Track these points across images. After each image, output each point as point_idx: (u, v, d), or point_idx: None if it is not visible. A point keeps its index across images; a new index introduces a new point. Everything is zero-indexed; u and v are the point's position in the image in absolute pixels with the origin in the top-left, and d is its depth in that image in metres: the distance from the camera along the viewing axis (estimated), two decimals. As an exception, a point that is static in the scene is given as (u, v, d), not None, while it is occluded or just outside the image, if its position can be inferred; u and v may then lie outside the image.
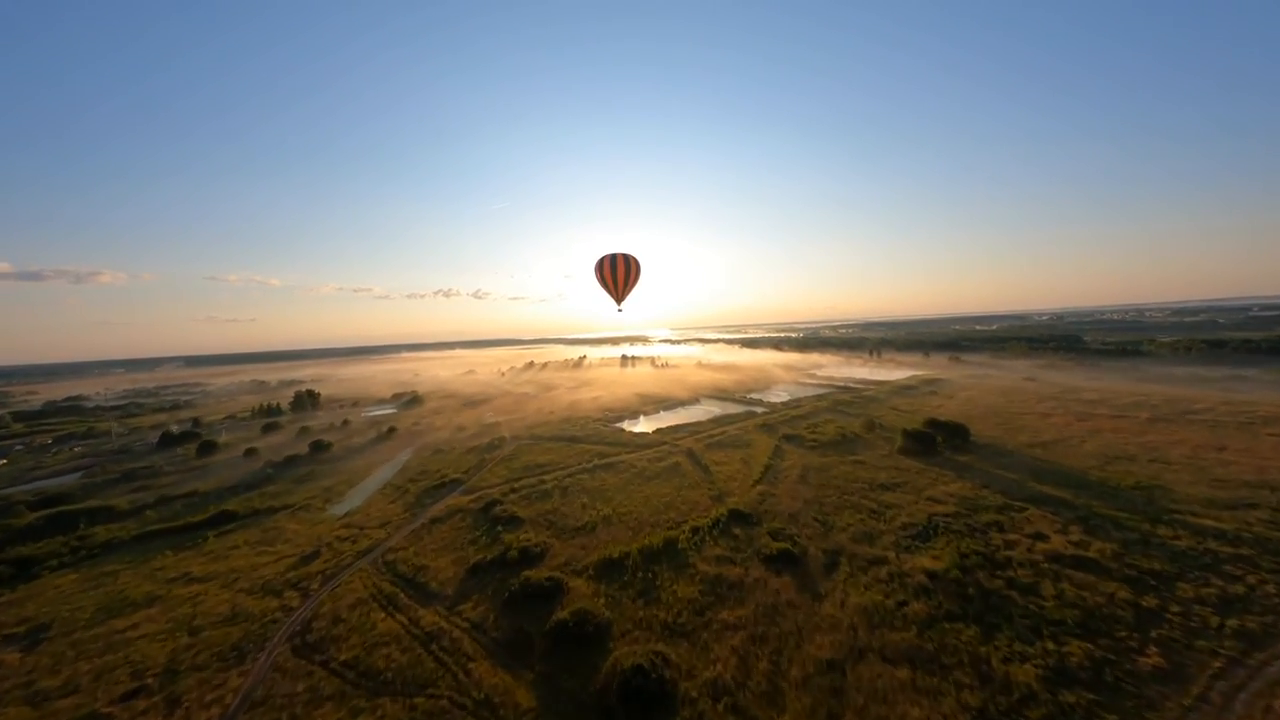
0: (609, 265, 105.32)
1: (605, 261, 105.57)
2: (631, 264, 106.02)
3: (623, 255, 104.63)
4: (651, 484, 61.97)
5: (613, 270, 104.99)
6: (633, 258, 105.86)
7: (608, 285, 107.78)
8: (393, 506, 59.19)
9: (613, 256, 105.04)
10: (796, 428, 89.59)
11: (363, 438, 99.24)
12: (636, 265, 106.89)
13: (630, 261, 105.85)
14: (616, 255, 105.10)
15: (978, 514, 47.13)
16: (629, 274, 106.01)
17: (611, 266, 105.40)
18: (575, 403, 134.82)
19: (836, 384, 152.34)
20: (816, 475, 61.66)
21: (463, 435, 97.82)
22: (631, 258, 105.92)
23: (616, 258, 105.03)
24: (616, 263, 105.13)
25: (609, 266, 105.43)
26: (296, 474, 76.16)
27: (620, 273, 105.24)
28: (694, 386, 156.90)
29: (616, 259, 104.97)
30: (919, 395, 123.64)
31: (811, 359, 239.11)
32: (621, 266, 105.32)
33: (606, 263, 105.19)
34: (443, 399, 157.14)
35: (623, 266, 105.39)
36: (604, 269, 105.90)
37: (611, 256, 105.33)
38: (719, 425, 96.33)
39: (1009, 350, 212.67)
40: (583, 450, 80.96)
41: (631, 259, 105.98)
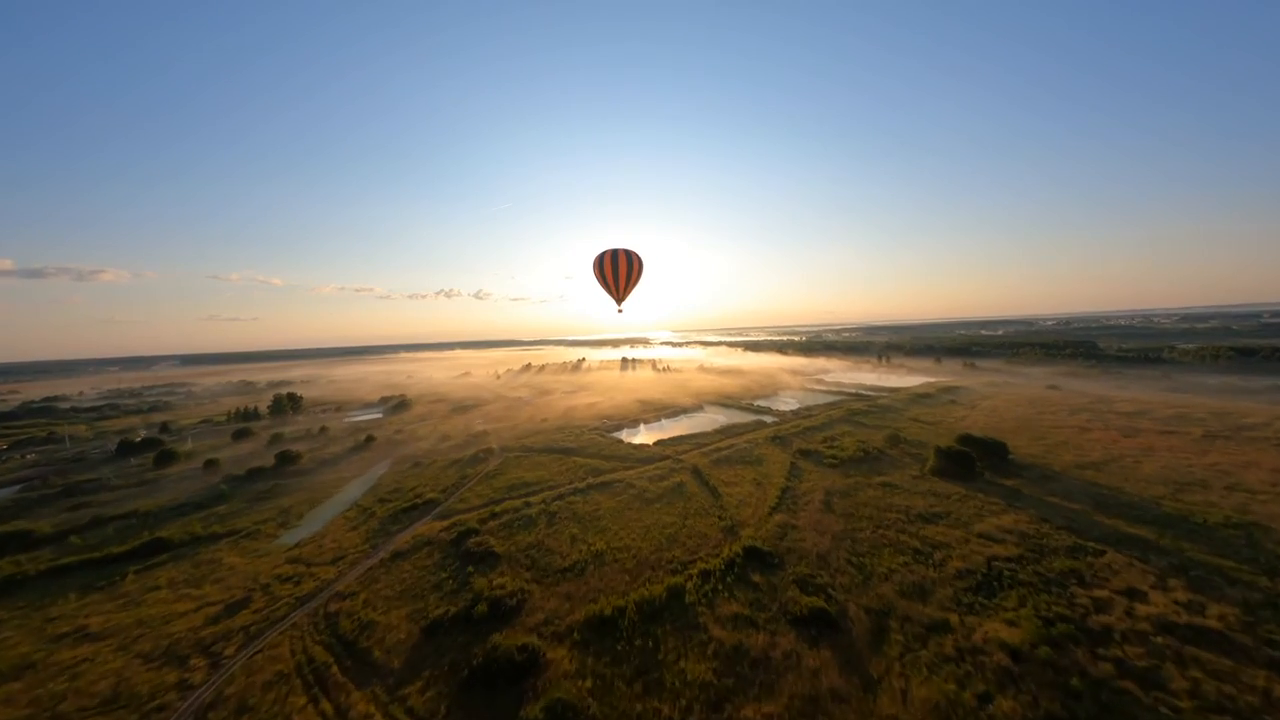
0: (609, 262, 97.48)
1: (605, 257, 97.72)
2: (634, 261, 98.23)
3: (624, 251, 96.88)
4: (652, 509, 53.92)
5: (613, 267, 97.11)
6: (634, 254, 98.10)
7: (607, 283, 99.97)
8: (353, 534, 51.14)
9: (613, 252, 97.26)
10: (812, 441, 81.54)
11: (339, 447, 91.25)
12: (638, 262, 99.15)
13: (632, 258, 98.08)
14: (617, 251, 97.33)
15: (1046, 558, 39.04)
16: (630, 271, 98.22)
17: (612, 263, 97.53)
18: (571, 409, 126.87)
19: (848, 391, 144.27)
20: (842, 501, 53.56)
21: (446, 446, 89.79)
22: (633, 254, 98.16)
23: (617, 254, 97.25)
24: (617, 259, 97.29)
25: (609, 263, 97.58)
26: (255, 490, 68.15)
27: (621, 270, 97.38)
28: (697, 392, 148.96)
29: (617, 255, 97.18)
30: (939, 404, 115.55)
31: (818, 363, 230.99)
32: (623, 263, 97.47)
33: (606, 259, 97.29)
34: (432, 403, 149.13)
35: (624, 263, 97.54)
36: (603, 266, 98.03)
37: (612, 252, 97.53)
38: (726, 437, 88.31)
39: (1024, 356, 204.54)
40: (576, 465, 72.93)
41: (633, 255, 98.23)
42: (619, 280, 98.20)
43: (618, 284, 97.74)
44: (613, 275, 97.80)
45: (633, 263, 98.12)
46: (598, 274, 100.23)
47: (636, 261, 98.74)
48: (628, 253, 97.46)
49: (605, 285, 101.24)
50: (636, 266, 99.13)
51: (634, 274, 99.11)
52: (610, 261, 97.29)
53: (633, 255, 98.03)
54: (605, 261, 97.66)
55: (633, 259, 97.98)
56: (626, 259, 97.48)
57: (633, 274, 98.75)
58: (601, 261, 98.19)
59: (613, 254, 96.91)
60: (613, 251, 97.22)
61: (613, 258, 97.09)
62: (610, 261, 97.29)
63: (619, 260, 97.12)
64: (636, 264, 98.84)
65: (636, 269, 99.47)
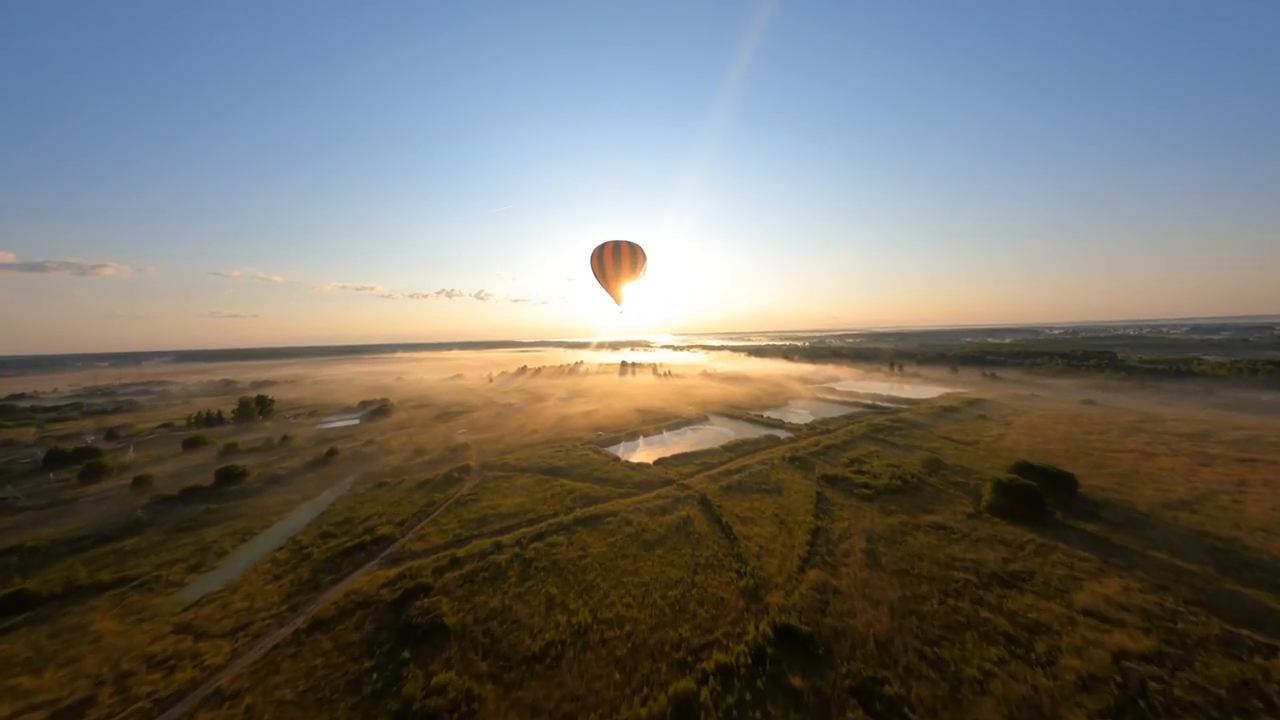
0: (609, 255, 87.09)
1: (604, 250, 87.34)
2: (637, 254, 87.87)
3: (626, 243, 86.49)
4: (652, 556, 43.24)
5: (615, 260, 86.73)
6: (637, 247, 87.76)
7: (607, 279, 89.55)
8: (273, 587, 40.42)
9: (614, 244, 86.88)
10: (836, 463, 70.98)
11: (297, 460, 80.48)
12: (642, 256, 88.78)
13: (635, 251, 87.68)
14: (619, 243, 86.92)
15: (1197, 658, 28.33)
16: (633, 265, 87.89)
17: (614, 256, 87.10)
18: (564, 418, 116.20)
19: (864, 402, 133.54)
20: (891, 551, 42.86)
21: (419, 462, 79.02)
22: (636, 246, 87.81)
23: (619, 246, 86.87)
24: (620, 252, 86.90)
25: (609, 256, 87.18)
26: (180, 517, 57.42)
27: (624, 263, 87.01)
28: (701, 400, 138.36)
29: (619, 247, 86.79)
30: (968, 420, 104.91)
31: (827, 371, 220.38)
32: (625, 257, 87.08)
33: (607, 251, 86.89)
34: (415, 408, 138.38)
35: (626, 257, 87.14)
36: (603, 259, 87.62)
37: (613, 244, 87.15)
38: (736, 455, 77.66)
39: (1044, 367, 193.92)
40: (563, 490, 62.24)
41: (636, 248, 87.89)
42: (620, 275, 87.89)
43: (619, 278, 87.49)
44: (613, 269, 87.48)
45: (636, 256, 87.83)
46: (596, 269, 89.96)
47: (640, 255, 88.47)
48: (631, 245, 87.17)
49: (603, 282, 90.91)
50: (640, 260, 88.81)
51: (637, 269, 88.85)
52: (611, 255, 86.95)
53: (636, 248, 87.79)
54: (605, 255, 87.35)
55: (636, 252, 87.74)
56: (630, 252, 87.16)
57: (635, 268, 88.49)
58: (601, 255, 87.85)
59: (614, 246, 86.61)
60: (613, 244, 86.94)
61: (614, 250, 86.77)
62: (611, 255, 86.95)
63: (621, 253, 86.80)
64: (640, 257, 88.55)
65: (640, 263, 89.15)
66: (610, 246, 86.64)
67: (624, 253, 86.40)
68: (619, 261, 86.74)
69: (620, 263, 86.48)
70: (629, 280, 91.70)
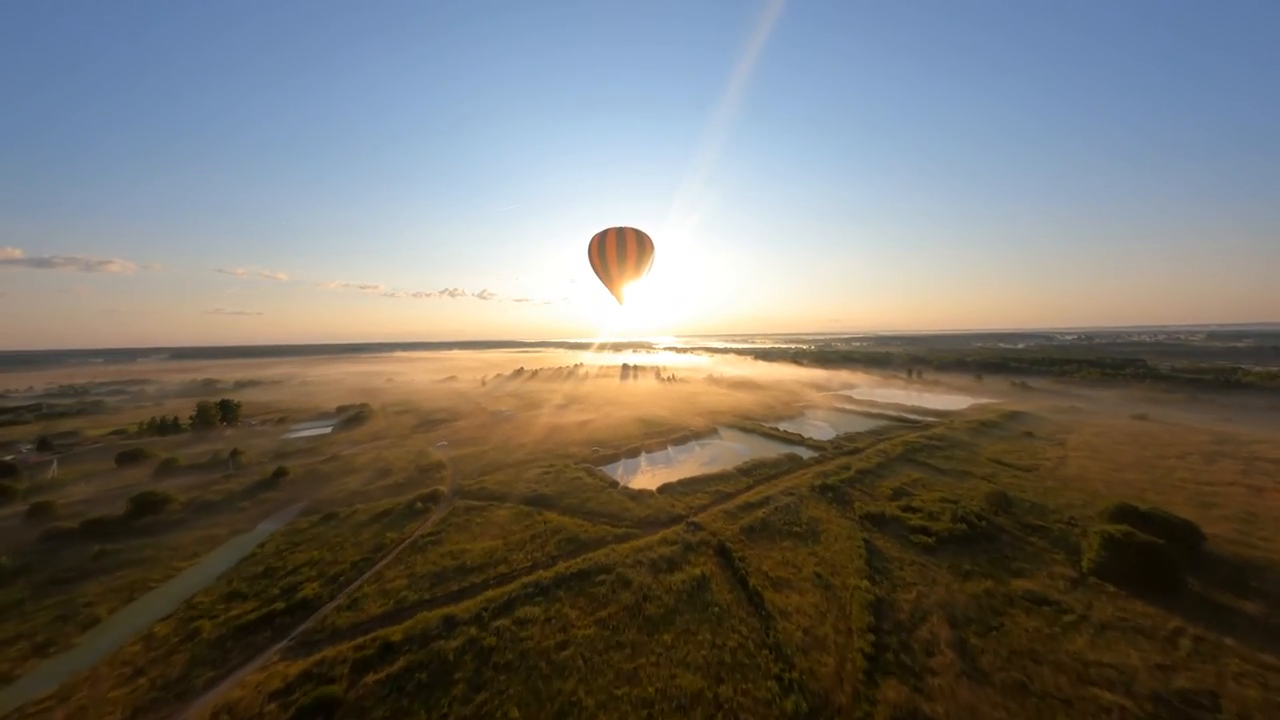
0: (612, 245, 75.33)
1: (608, 238, 75.58)
2: (645, 245, 76.18)
3: (631, 231, 74.78)
4: (658, 644, 31.42)
5: (618, 251, 75.01)
6: (644, 236, 76.05)
7: (608, 274, 77.81)
8: (119, 694, 28.70)
9: (617, 231, 75.09)
10: (876, 494, 59.07)
11: (240, 482, 68.76)
12: (649, 246, 77.06)
13: (642, 241, 76.01)
14: (623, 230, 75.12)
15: None
16: (639, 258, 76.24)
17: (618, 246, 75.27)
18: (558, 429, 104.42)
19: (888, 414, 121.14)
20: (989, 645, 30.85)
21: (383, 485, 67.28)
22: (642, 236, 76.13)
23: (623, 233, 75.11)
24: (625, 240, 75.14)
25: (612, 246, 75.43)
26: (61, 564, 45.80)
27: (630, 255, 75.34)
28: (710, 410, 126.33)
29: (624, 235, 75.03)
30: (1013, 437, 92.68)
31: (840, 376, 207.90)
32: (632, 247, 75.35)
33: (610, 240, 75.11)
34: (396, 415, 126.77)
35: (633, 248, 75.42)
36: (604, 250, 75.90)
37: (617, 231, 75.34)
38: (754, 480, 65.82)
39: (1077, 376, 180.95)
40: (546, 530, 50.45)
41: (643, 238, 76.22)
42: (623, 270, 76.10)
43: (623, 269, 75.69)
44: (616, 263, 75.67)
45: (643, 247, 75.98)
46: (595, 263, 78.09)
47: (647, 246, 76.60)
48: (637, 234, 75.36)
49: (604, 277, 78.94)
50: (647, 252, 76.92)
51: (642, 262, 77.07)
52: (615, 245, 75.09)
53: (642, 238, 75.99)
54: (607, 245, 75.42)
55: (643, 243, 75.93)
56: (637, 242, 75.37)
57: (641, 262, 76.71)
58: (601, 245, 75.90)
59: (616, 234, 74.80)
60: (616, 231, 75.09)
61: (617, 239, 74.94)
62: (615, 245, 75.09)
63: (626, 243, 74.97)
64: (647, 249, 76.67)
65: (647, 255, 77.27)
66: (613, 235, 74.86)
67: (629, 242, 74.69)
68: (623, 253, 74.99)
69: (625, 254, 74.72)
70: (633, 277, 79.82)
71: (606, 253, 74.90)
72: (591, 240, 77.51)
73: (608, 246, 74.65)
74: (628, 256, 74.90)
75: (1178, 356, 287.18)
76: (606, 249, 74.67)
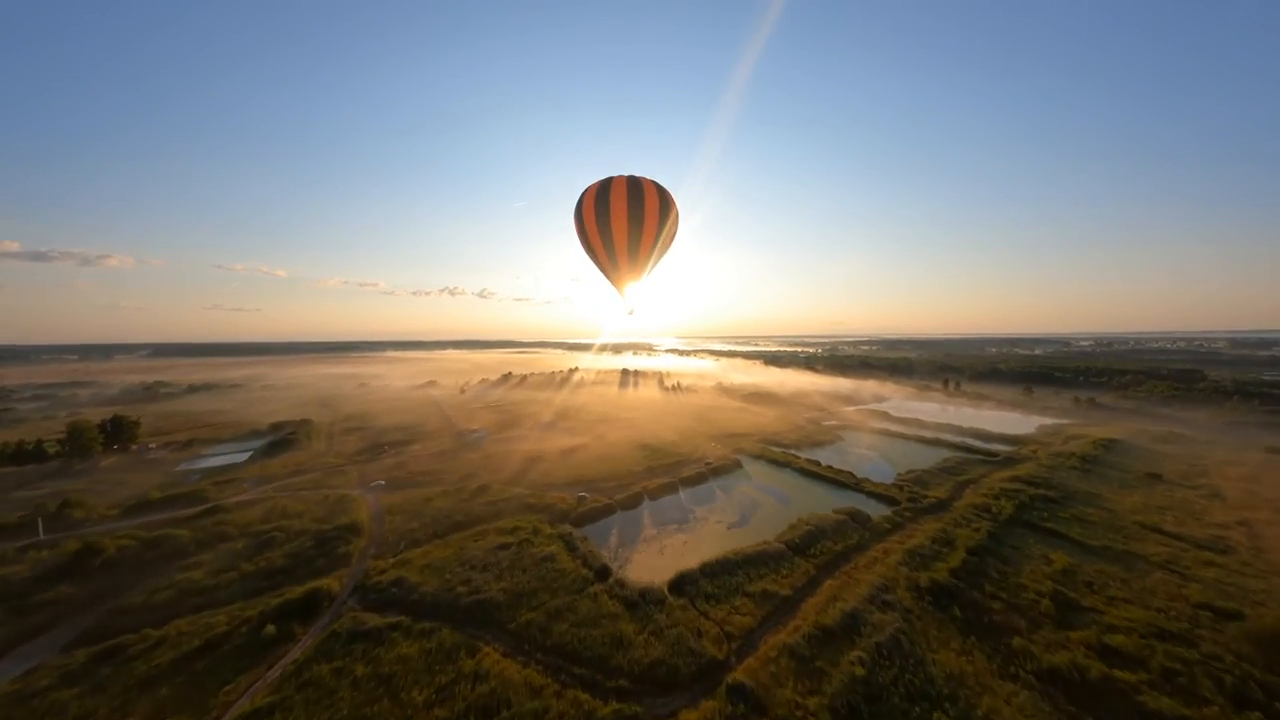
0: (622, 198, 49.26)
1: (616, 192, 49.49)
2: (667, 202, 51.20)
3: (648, 181, 50.02)
4: None
5: (632, 210, 49.15)
6: (666, 194, 51.20)
7: (611, 243, 51.53)
8: None
9: (631, 181, 50.11)
10: (1026, 605, 36.03)
11: (17, 570, 45.17)
12: (673, 207, 51.97)
13: (666, 199, 51.15)
14: (639, 180, 50.22)
15: None
16: (660, 225, 51.19)
17: (631, 201, 49.24)
18: (537, 460, 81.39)
19: (946, 438, 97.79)
20: None
21: (246, 573, 43.77)
22: (665, 194, 51.28)
23: (640, 185, 50.12)
24: (640, 194, 49.40)
25: (621, 201, 49.29)
26: None
27: (648, 218, 50.07)
28: (726, 430, 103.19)
29: (640, 188, 49.98)
30: (1135, 481, 69.81)
31: (868, 387, 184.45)
32: (651, 201, 49.61)
33: (618, 193, 49.13)
34: (341, 435, 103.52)
35: (652, 202, 50.28)
36: (607, 208, 49.78)
37: (630, 180, 50.29)
38: (815, 563, 43.06)
39: (1144, 389, 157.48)
40: (475, 698, 27.43)
41: (665, 196, 51.30)
42: (636, 237, 50.69)
43: (633, 245, 50.25)
44: (629, 227, 49.76)
45: (667, 205, 50.82)
46: (592, 228, 51.57)
47: (671, 208, 51.53)
48: (659, 188, 50.47)
49: (602, 251, 52.42)
50: (673, 215, 51.79)
51: (664, 228, 51.76)
52: (625, 198, 48.99)
53: (665, 196, 51.11)
54: (612, 199, 49.17)
55: (666, 201, 50.98)
56: (659, 198, 50.28)
57: (664, 229, 51.48)
58: (603, 200, 49.61)
59: (630, 184, 49.54)
60: (629, 179, 49.79)
61: (631, 192, 49.63)
62: (625, 198, 48.99)
63: (641, 197, 49.56)
64: (672, 209, 51.55)
65: (672, 219, 52.14)
66: (620, 186, 48.79)
67: (646, 200, 48.70)
68: (637, 216, 48.75)
69: (640, 218, 48.81)
70: (646, 260, 53.38)
71: (610, 216, 48.96)
72: (584, 196, 51.01)
73: (612, 205, 48.62)
74: (644, 223, 49.12)
75: (1222, 366, 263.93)
76: (610, 209, 48.92)
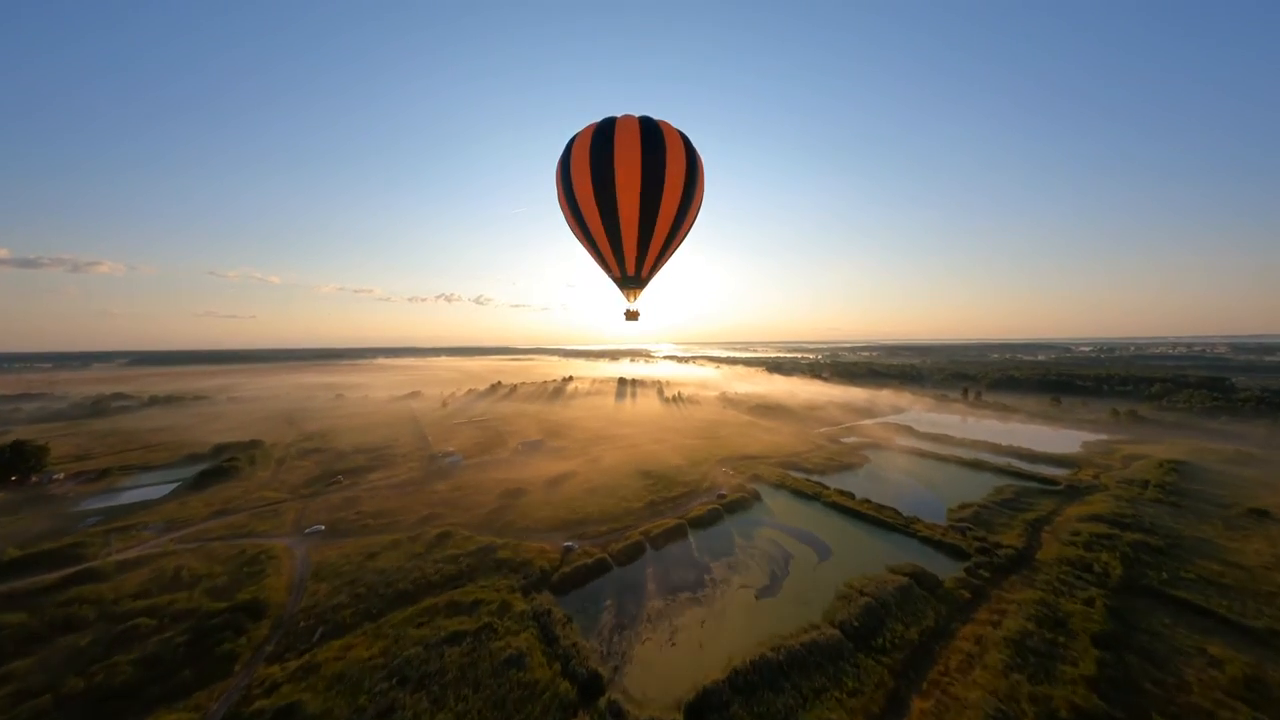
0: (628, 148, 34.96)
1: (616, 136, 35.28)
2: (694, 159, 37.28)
3: (671, 127, 36.25)
4: None
5: (648, 164, 35.01)
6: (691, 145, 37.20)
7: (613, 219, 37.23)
8: None
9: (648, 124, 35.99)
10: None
11: None
12: (699, 166, 37.78)
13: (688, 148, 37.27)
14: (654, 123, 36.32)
15: None
16: (688, 188, 37.09)
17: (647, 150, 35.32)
18: (516, 493, 68.24)
19: (987, 458, 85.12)
20: None
21: (44, 707, 30.57)
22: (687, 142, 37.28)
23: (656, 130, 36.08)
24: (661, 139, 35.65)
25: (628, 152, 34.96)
26: None
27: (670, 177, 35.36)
28: (736, 451, 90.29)
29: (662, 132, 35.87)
30: (1239, 518, 57.57)
31: (883, 398, 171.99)
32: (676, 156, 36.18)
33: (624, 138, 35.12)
34: (295, 459, 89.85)
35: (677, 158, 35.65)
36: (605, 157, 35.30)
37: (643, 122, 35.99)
38: (882, 659, 30.01)
39: (1181, 400, 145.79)
40: None
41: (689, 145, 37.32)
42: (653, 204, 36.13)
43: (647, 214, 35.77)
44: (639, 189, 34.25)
45: (695, 162, 36.89)
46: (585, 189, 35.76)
47: (698, 162, 37.57)
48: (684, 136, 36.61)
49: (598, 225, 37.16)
50: (701, 176, 37.77)
51: (694, 193, 37.78)
52: (638, 145, 34.99)
53: (691, 148, 37.06)
54: (615, 145, 35.05)
55: (694, 156, 36.93)
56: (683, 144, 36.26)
57: (694, 193, 37.63)
58: (602, 145, 35.46)
59: (644, 125, 35.66)
60: (644, 122, 35.76)
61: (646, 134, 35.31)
62: (638, 145, 34.99)
63: (662, 143, 35.15)
64: (700, 168, 37.64)
65: (701, 182, 38.19)
66: (627, 130, 34.99)
67: (669, 148, 35.39)
68: (655, 176, 35.20)
69: (659, 180, 34.23)
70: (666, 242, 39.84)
71: (614, 170, 34.63)
72: (573, 145, 36.49)
73: (618, 155, 34.47)
74: (664, 183, 35.32)
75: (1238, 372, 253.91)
76: (614, 161, 34.52)
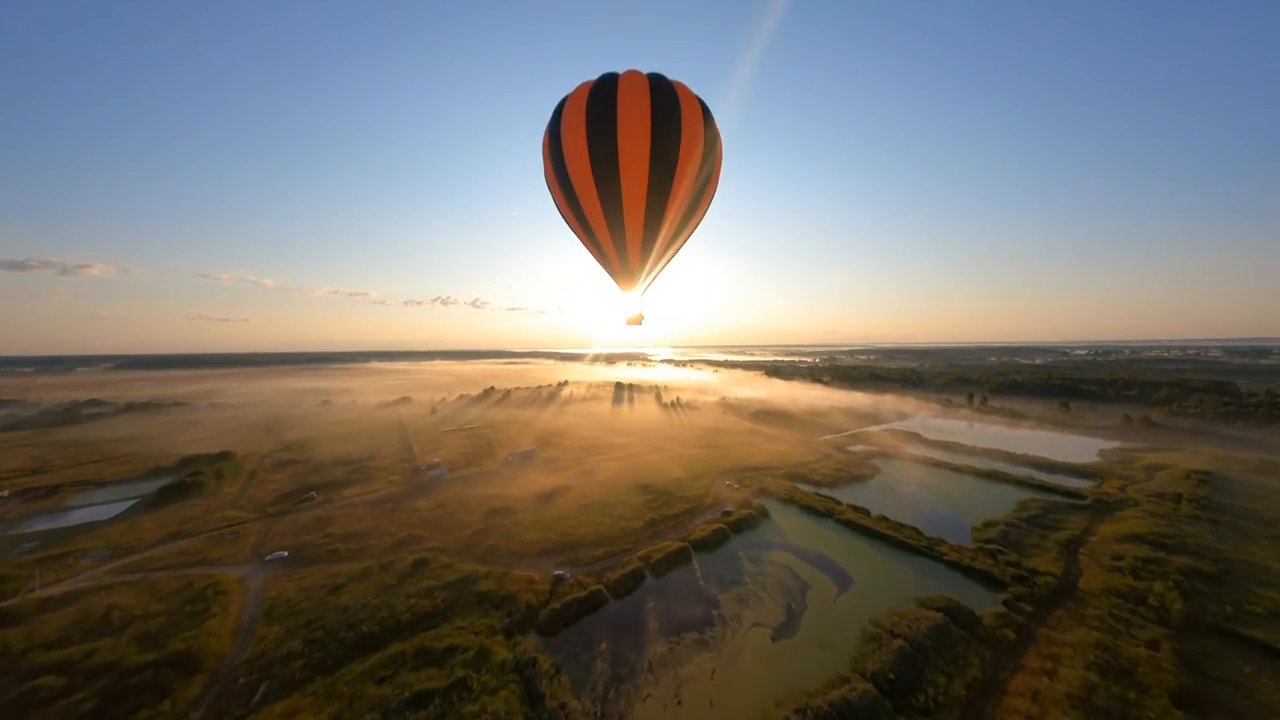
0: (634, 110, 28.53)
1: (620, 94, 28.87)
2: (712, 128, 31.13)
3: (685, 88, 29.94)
4: None
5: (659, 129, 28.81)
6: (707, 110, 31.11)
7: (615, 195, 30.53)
8: None
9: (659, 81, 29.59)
10: None
11: None
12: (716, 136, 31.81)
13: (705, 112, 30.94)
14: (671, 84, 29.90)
15: None
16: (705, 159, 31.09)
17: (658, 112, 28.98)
18: (503, 511, 62.69)
19: (1004, 469, 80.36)
20: None
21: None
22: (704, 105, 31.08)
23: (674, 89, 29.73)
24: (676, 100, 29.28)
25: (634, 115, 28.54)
26: None
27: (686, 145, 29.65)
28: (740, 461, 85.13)
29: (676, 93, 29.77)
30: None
31: (887, 403, 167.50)
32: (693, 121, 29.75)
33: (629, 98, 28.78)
34: (268, 473, 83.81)
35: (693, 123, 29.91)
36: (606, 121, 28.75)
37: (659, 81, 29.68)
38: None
39: (1191, 404, 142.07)
40: None
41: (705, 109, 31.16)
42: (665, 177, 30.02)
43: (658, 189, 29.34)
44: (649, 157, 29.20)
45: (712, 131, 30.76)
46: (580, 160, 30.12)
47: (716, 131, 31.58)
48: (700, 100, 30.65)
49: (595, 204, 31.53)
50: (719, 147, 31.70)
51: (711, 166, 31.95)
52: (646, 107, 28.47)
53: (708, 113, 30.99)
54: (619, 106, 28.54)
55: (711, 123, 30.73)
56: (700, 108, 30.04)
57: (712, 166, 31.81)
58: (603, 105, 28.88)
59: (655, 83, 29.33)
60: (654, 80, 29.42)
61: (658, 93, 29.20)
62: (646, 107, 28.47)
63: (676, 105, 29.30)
64: (718, 139, 31.64)
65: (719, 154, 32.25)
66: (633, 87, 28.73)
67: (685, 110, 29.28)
68: (668, 142, 29.09)
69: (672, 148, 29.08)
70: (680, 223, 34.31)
71: (617, 135, 28.69)
72: (565, 105, 30.29)
73: (622, 119, 28.51)
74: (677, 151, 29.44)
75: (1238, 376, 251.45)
76: (617, 124, 28.54)
